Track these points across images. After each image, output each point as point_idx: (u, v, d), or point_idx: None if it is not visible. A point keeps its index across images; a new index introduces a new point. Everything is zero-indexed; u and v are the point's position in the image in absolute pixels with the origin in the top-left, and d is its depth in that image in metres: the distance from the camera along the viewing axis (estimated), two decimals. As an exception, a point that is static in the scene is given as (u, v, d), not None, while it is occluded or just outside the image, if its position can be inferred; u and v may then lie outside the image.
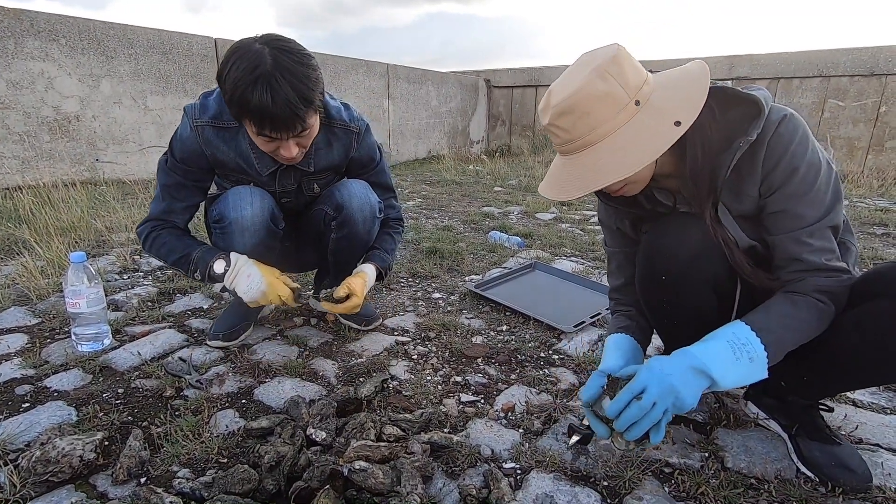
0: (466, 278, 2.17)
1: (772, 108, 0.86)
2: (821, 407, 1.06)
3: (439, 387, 1.32)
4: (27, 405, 1.19)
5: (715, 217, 0.91)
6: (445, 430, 1.13)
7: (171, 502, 0.85)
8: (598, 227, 3.04)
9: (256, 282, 1.33)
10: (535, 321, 1.71)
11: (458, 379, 1.36)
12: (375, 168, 1.54)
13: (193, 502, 0.89)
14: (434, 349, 1.54)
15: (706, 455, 1.06)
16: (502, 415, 1.20)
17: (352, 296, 1.41)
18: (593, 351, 1.53)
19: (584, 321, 1.69)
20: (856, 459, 0.97)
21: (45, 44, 3.46)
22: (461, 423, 1.16)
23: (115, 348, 1.48)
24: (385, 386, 1.28)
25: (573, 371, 1.41)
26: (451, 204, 3.89)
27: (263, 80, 1.05)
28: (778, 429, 1.09)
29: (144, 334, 1.57)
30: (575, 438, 0.96)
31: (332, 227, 1.45)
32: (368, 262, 1.51)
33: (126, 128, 3.96)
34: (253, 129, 1.14)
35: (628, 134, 0.81)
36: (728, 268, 0.93)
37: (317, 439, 1.03)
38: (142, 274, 2.13)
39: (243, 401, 1.24)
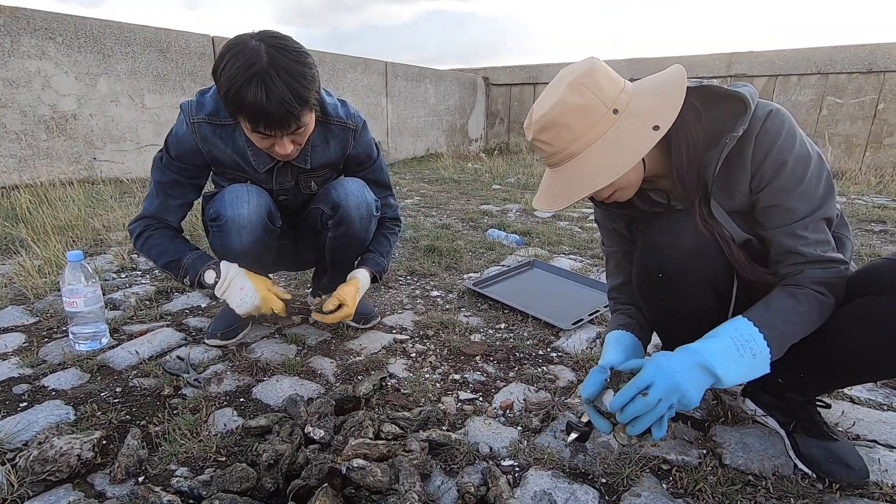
0: (465, 276, 2.17)
1: (758, 103, 0.87)
2: (818, 403, 1.06)
3: (438, 385, 1.32)
4: (25, 404, 1.19)
5: (709, 213, 0.91)
6: (444, 428, 1.13)
7: (169, 501, 0.85)
8: (596, 225, 3.03)
9: (250, 296, 1.33)
10: (534, 319, 1.71)
11: (457, 377, 1.36)
12: (373, 165, 1.54)
13: (192, 501, 0.89)
14: (432, 347, 1.54)
15: (704, 452, 1.06)
16: (500, 412, 1.20)
17: (343, 305, 1.42)
18: (591, 348, 1.53)
19: (582, 319, 1.69)
20: (853, 456, 0.98)
21: (42, 42, 3.44)
22: (459, 421, 1.16)
23: (113, 347, 1.47)
24: (383, 384, 1.29)
25: (571, 369, 1.41)
26: (450, 202, 3.88)
27: (258, 78, 1.05)
28: (775, 425, 1.09)
29: (142, 333, 1.56)
30: (573, 436, 0.96)
31: (328, 225, 1.45)
32: (363, 266, 1.52)
33: (123, 126, 3.95)
34: (248, 125, 1.14)
35: (609, 142, 0.83)
36: (724, 264, 0.93)
37: (315, 437, 1.03)
38: (139, 272, 2.13)
39: (241, 399, 1.24)
